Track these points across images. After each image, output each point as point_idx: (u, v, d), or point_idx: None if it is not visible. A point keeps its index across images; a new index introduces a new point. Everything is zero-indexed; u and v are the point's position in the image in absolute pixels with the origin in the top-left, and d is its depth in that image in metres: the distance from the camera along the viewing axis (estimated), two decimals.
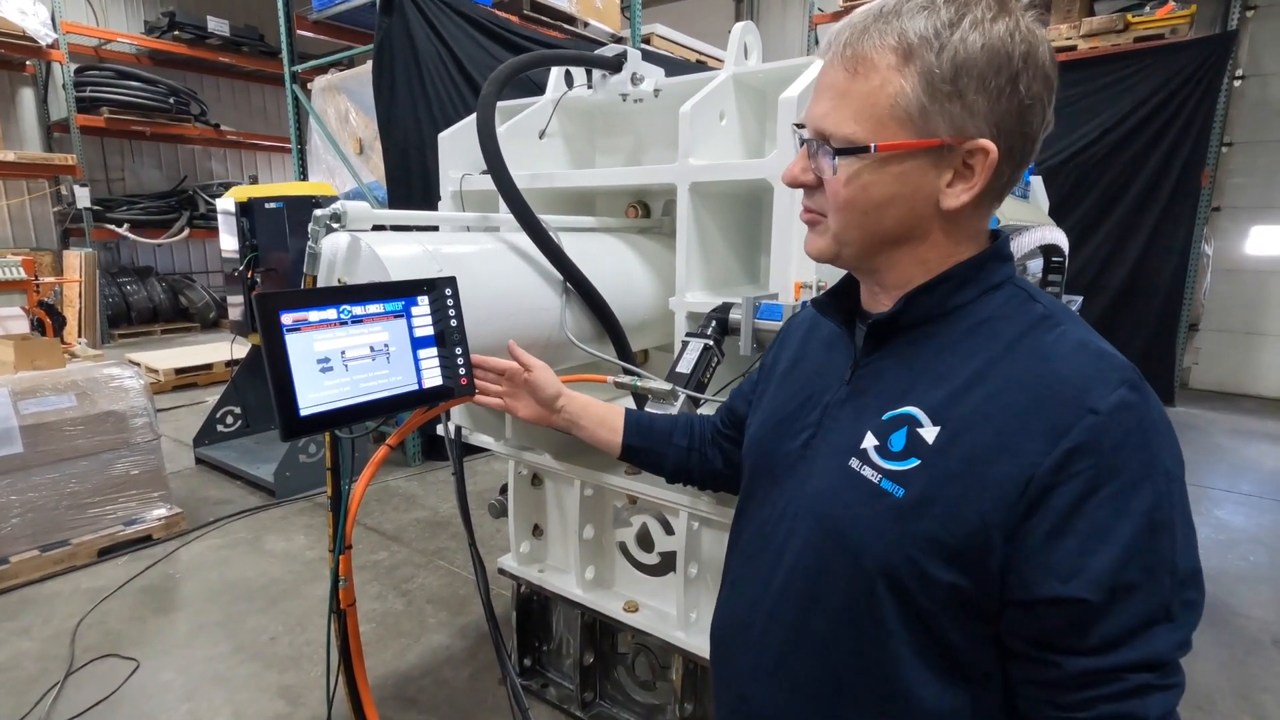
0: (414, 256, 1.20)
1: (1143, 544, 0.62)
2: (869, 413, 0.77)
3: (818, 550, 0.78)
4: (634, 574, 2.07)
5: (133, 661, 2.47)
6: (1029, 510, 0.64)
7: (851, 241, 0.76)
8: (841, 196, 0.73)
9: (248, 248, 4.08)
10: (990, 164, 0.69)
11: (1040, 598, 0.64)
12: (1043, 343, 0.70)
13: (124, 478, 3.31)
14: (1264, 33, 5.94)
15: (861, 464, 0.75)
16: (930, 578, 0.68)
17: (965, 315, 0.75)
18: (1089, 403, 0.64)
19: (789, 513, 0.83)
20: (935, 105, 0.67)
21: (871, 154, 0.70)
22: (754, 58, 1.67)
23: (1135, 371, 0.67)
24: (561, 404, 1.20)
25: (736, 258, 1.76)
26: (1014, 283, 0.76)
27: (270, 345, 0.86)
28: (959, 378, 0.71)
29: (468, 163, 1.93)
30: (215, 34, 8.41)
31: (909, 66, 0.67)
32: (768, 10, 9.05)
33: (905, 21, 0.68)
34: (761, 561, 0.85)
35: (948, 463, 0.69)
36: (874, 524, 0.72)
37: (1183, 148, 5.45)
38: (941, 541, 0.68)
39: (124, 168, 9.06)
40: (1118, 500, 0.62)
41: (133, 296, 8.56)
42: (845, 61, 0.71)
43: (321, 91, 4.73)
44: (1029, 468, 0.64)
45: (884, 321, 0.77)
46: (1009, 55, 0.67)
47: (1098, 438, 0.63)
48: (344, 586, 1.21)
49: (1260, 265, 6.24)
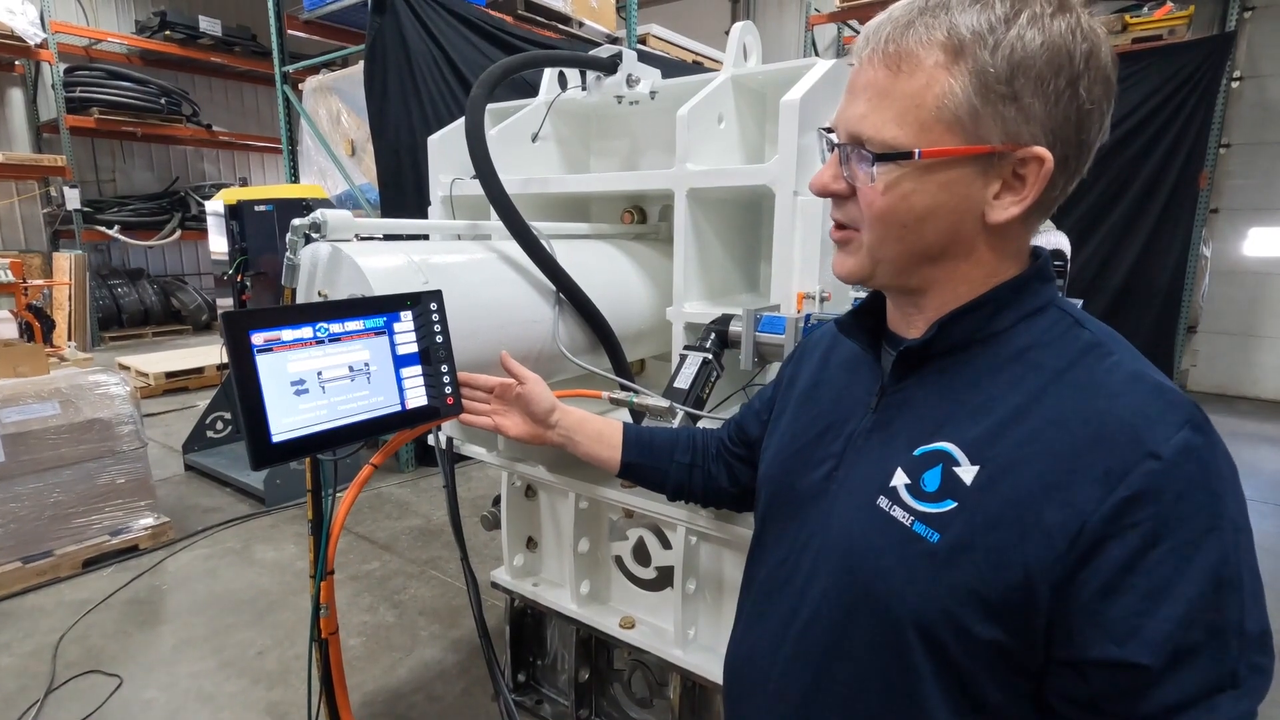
0: (397, 267, 1.15)
1: (1207, 603, 0.56)
2: (898, 446, 0.71)
3: (843, 596, 0.71)
4: (630, 589, 2.02)
5: (115, 678, 2.41)
6: (1080, 562, 0.58)
7: (888, 258, 0.69)
8: (879, 206, 0.66)
9: (237, 251, 4.03)
10: (1044, 174, 0.63)
11: (1092, 659, 0.58)
12: (1093, 374, 0.63)
13: (110, 487, 3.24)
14: (1262, 34, 5.92)
15: (891, 504, 0.68)
16: (968, 633, 0.62)
17: (1005, 342, 0.68)
18: (1149, 446, 0.58)
19: (810, 551, 0.77)
20: (988, 108, 0.61)
21: (915, 160, 0.63)
22: (753, 59, 1.61)
23: (1198, 409, 0.60)
24: (556, 419, 1.13)
25: (736, 265, 1.70)
26: (1057, 305, 0.70)
27: (239, 367, 0.80)
28: (999, 412, 0.65)
29: (458, 167, 1.87)
30: (207, 34, 8.34)
31: (959, 64, 0.61)
32: (764, 11, 9.01)
33: (956, 15, 0.61)
34: (781, 601, 0.79)
35: (988, 506, 0.62)
36: (905, 572, 0.66)
37: (1181, 149, 5.43)
38: (981, 594, 0.61)
39: (115, 169, 8.97)
40: (1180, 555, 0.56)
41: (123, 299, 8.48)
42: (887, 58, 0.64)
43: (313, 92, 4.66)
44: (1080, 516, 0.58)
45: (915, 349, 0.71)
46: (1070, 55, 0.60)
47: (1159, 486, 0.57)
48: (325, 615, 1.15)
49: (1258, 267, 6.22)
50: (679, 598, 1.83)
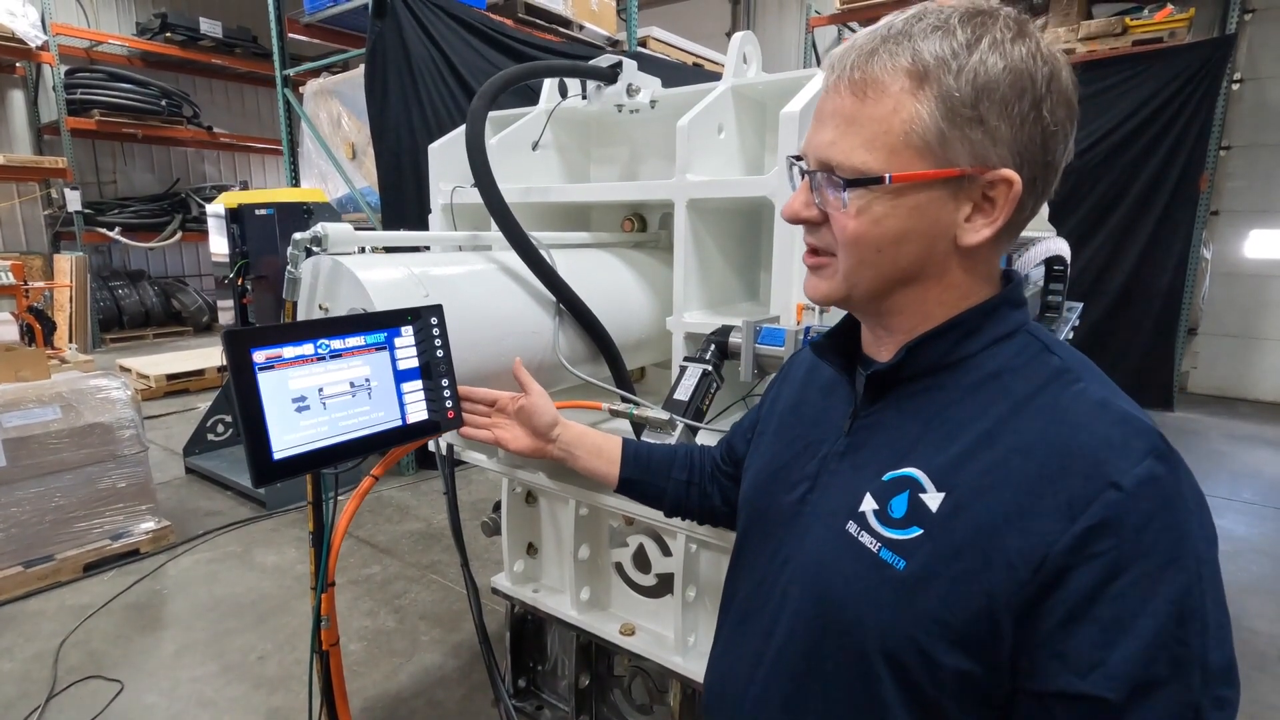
0: (398, 280, 1.15)
1: (1170, 636, 0.56)
2: (868, 471, 0.71)
3: (812, 622, 0.71)
4: (630, 595, 2.02)
5: (117, 684, 2.41)
6: (1043, 592, 0.58)
7: (862, 282, 0.69)
8: (851, 231, 0.67)
9: (238, 254, 4.03)
10: (1014, 196, 0.64)
11: (1054, 691, 0.58)
12: (1058, 401, 0.64)
13: (110, 491, 3.25)
14: (1262, 36, 5.92)
15: (860, 529, 0.69)
16: (934, 661, 0.62)
17: (974, 367, 0.69)
18: (1111, 475, 0.58)
19: (785, 573, 0.77)
20: (955, 131, 0.62)
21: (886, 185, 0.64)
22: (753, 68, 1.62)
23: (1162, 438, 0.60)
24: (558, 433, 1.12)
25: (736, 275, 1.71)
26: (1028, 330, 0.70)
27: (241, 386, 0.81)
28: (966, 438, 0.65)
29: (459, 175, 1.87)
30: (208, 36, 8.35)
31: (925, 89, 0.62)
32: (764, 13, 9.00)
33: (919, 42, 0.62)
34: (755, 626, 0.79)
35: (953, 534, 0.62)
36: (872, 598, 0.66)
37: (1181, 151, 5.42)
38: (946, 622, 0.61)
39: (115, 171, 8.98)
40: (1143, 586, 0.56)
41: (124, 300, 8.48)
42: (853, 85, 0.65)
43: (314, 95, 4.67)
44: (1043, 545, 0.58)
45: (884, 373, 0.71)
46: (1032, 78, 0.62)
47: (1121, 516, 0.57)
48: (326, 627, 1.16)
49: (1259, 269, 6.21)
50: (679, 605, 1.83)
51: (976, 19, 0.63)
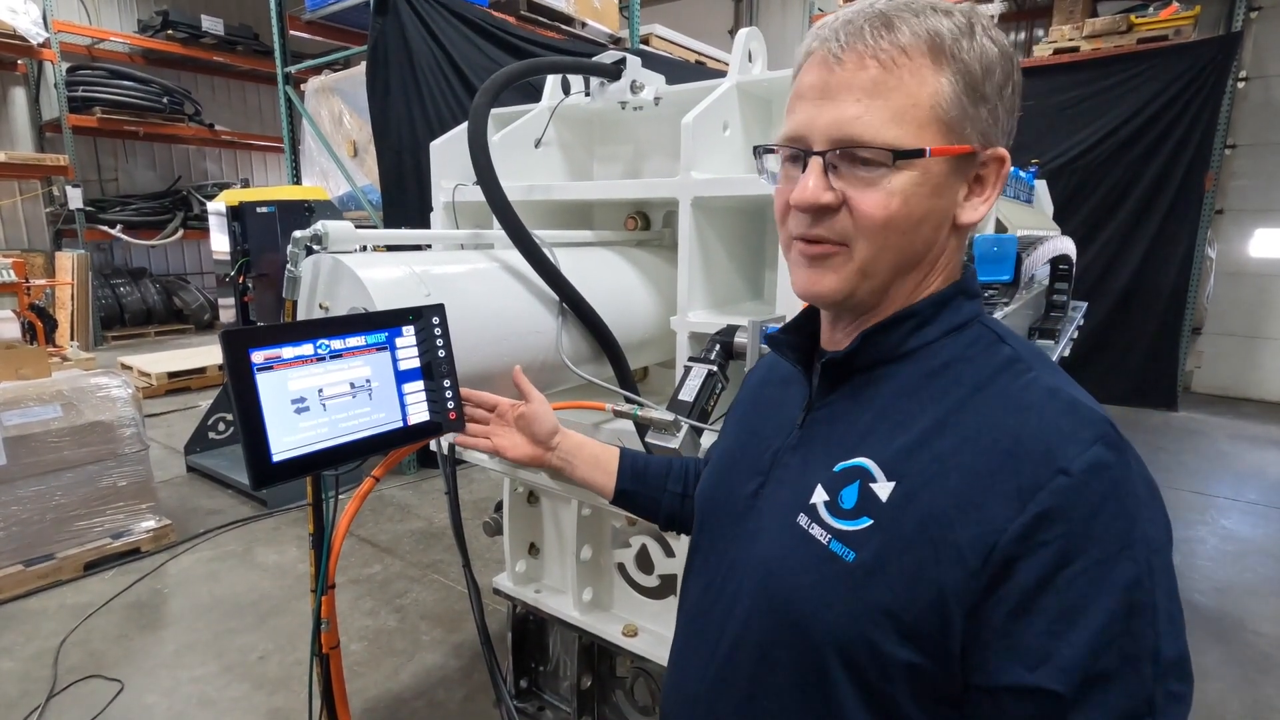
0: (399, 279, 1.13)
1: (1120, 627, 0.54)
2: (819, 462, 0.69)
3: (763, 619, 0.69)
4: (633, 596, 2.01)
5: (117, 683, 2.40)
6: (992, 582, 0.56)
7: (880, 271, 0.66)
8: (882, 214, 0.62)
9: (239, 252, 4.02)
10: (1004, 174, 0.66)
11: (1003, 685, 0.56)
12: (1009, 390, 0.62)
13: (111, 489, 3.24)
14: (1268, 34, 5.88)
15: (810, 521, 0.67)
16: (885, 655, 0.60)
17: (927, 356, 0.67)
18: (1059, 462, 0.56)
19: (736, 571, 0.75)
20: (972, 108, 0.63)
21: (926, 158, 0.62)
22: (759, 65, 1.60)
23: (1112, 426, 0.59)
24: (557, 441, 1.10)
25: (740, 273, 1.69)
26: (981, 321, 0.69)
27: (239, 387, 0.79)
28: (917, 427, 0.64)
29: (461, 172, 1.86)
30: (209, 33, 8.33)
31: (942, 64, 0.62)
32: (766, 10, 8.97)
33: (928, 18, 0.62)
34: (707, 626, 0.77)
35: (902, 524, 0.61)
36: (822, 592, 0.64)
37: (1186, 150, 5.40)
38: (896, 614, 0.60)
39: (117, 168, 8.97)
40: (1091, 575, 0.55)
41: (126, 298, 8.48)
42: (879, 56, 0.61)
43: (315, 93, 4.66)
44: (993, 534, 0.56)
45: (838, 361, 0.70)
46: (1014, 63, 0.66)
47: (1069, 502, 0.55)
48: (326, 630, 1.14)
49: (1263, 268, 6.18)
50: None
51: (961, 5, 0.65)
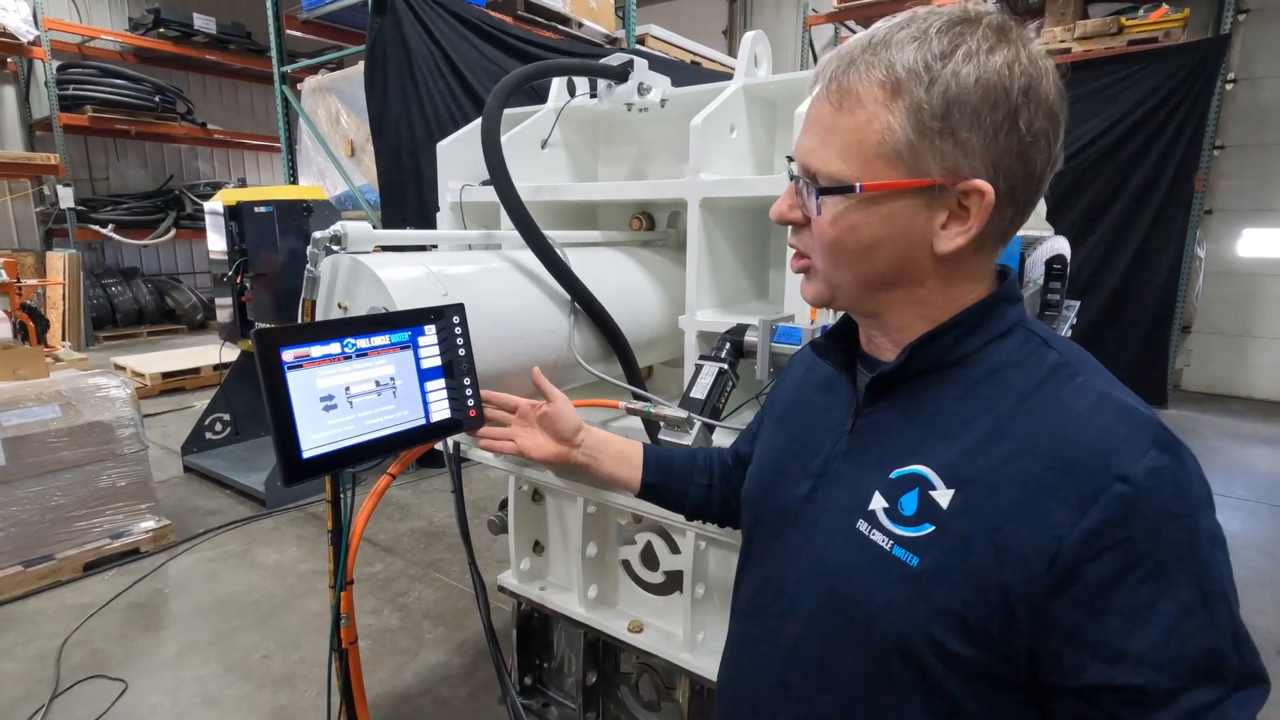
0: (417, 278, 1.15)
1: (1198, 618, 0.58)
2: (874, 469, 0.72)
3: (827, 619, 0.73)
4: (638, 592, 2.03)
5: (120, 683, 2.41)
6: (1058, 586, 0.59)
7: (843, 284, 0.72)
8: (828, 237, 0.69)
9: (236, 252, 4.01)
10: (986, 206, 0.64)
11: (1087, 684, 0.59)
12: (1060, 396, 0.65)
13: (110, 490, 3.23)
14: (1255, 37, 5.96)
15: (871, 528, 0.70)
16: (949, 652, 0.64)
17: (974, 364, 0.70)
18: (1118, 469, 0.59)
19: (794, 571, 0.78)
20: (925, 143, 0.63)
21: (857, 194, 0.65)
22: (764, 68, 1.62)
23: (1164, 429, 0.62)
24: (581, 438, 1.11)
25: (745, 273, 1.71)
26: (1025, 326, 0.71)
27: (271, 385, 0.81)
28: (971, 434, 0.66)
29: (467, 173, 1.88)
30: (201, 31, 8.28)
31: (897, 102, 0.63)
32: (760, 11, 9.01)
33: (894, 53, 0.63)
34: (768, 622, 0.80)
35: (964, 530, 0.64)
36: (887, 595, 0.67)
37: (1176, 151, 5.46)
38: (961, 615, 0.63)
39: (108, 167, 8.91)
40: (1161, 575, 0.58)
41: (118, 298, 8.42)
42: (831, 95, 0.67)
43: (312, 92, 4.65)
44: (1055, 540, 0.59)
45: (888, 374, 0.73)
46: (1006, 90, 0.62)
47: (1131, 509, 0.58)
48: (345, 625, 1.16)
49: (1251, 268, 6.27)
50: (688, 602, 1.84)
51: (956, 28, 0.63)
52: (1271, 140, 6.07)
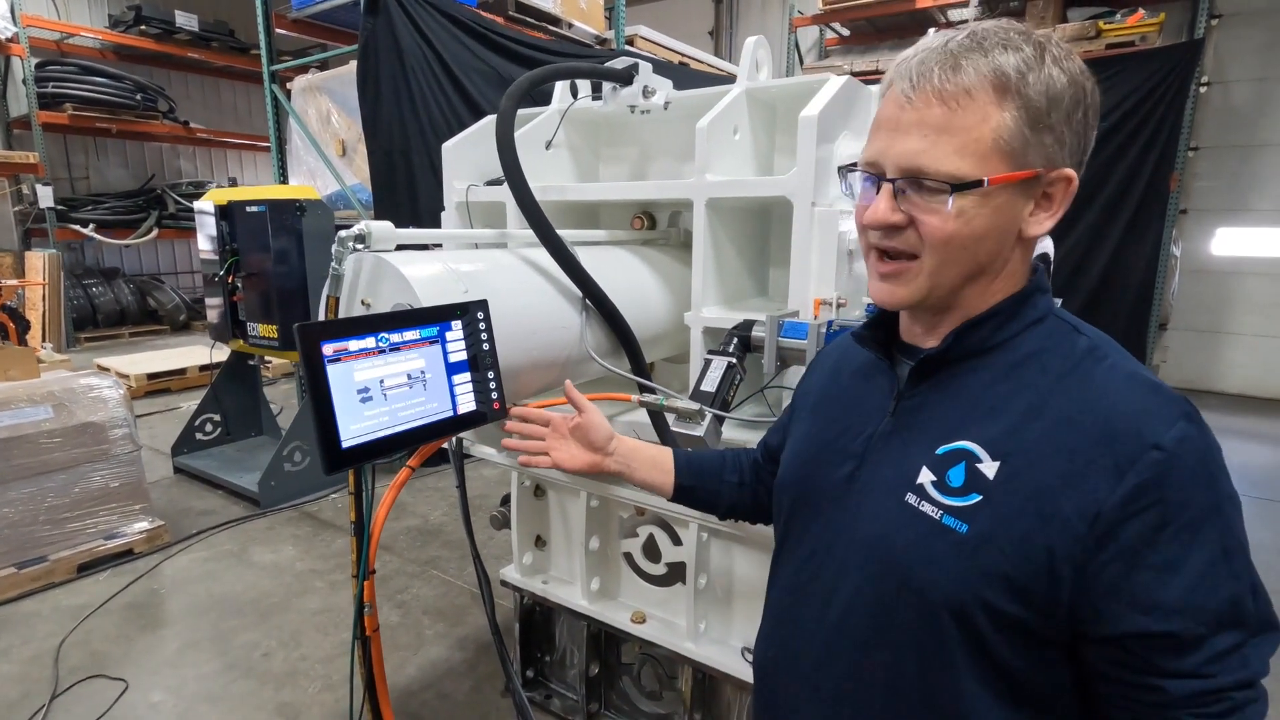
0: (438, 275, 1.18)
1: (1220, 569, 0.65)
2: (919, 446, 0.77)
3: (878, 587, 0.78)
4: (640, 584, 2.07)
5: (121, 682, 2.41)
6: (1099, 544, 0.66)
7: (947, 280, 0.75)
8: (945, 232, 0.72)
9: (228, 252, 4.00)
10: (1071, 192, 0.73)
11: (1123, 632, 0.66)
12: (1094, 376, 0.71)
13: (103, 490, 3.22)
14: (1228, 41, 6.13)
15: (920, 500, 0.75)
16: (997, 611, 0.69)
17: (1010, 349, 0.76)
18: (1151, 438, 0.65)
19: (838, 547, 0.83)
20: (1035, 137, 0.70)
21: (984, 188, 0.70)
22: (764, 73, 1.67)
23: (1189, 403, 0.69)
24: (615, 446, 1.11)
25: (747, 271, 1.76)
26: (1056, 314, 0.78)
27: (313, 377, 0.84)
28: (1013, 412, 0.72)
29: (473, 172, 1.91)
30: (183, 29, 8.18)
31: (1007, 100, 0.69)
32: (746, 13, 9.08)
33: (995, 56, 0.69)
34: (812, 595, 0.85)
35: (1011, 498, 0.69)
36: (939, 561, 0.72)
37: (1152, 152, 5.59)
38: (1009, 576, 0.69)
39: (88, 166, 8.79)
40: (1189, 530, 0.65)
41: (99, 299, 8.31)
42: (942, 96, 0.70)
43: (302, 92, 4.64)
44: (1096, 503, 0.65)
45: (934, 358, 0.78)
46: (1085, 90, 0.71)
47: (1164, 473, 0.65)
48: (369, 613, 1.19)
49: (1225, 266, 6.44)
50: (691, 593, 1.89)
51: (1033, 39, 0.70)
52: (1243, 142, 6.25)
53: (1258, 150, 6.23)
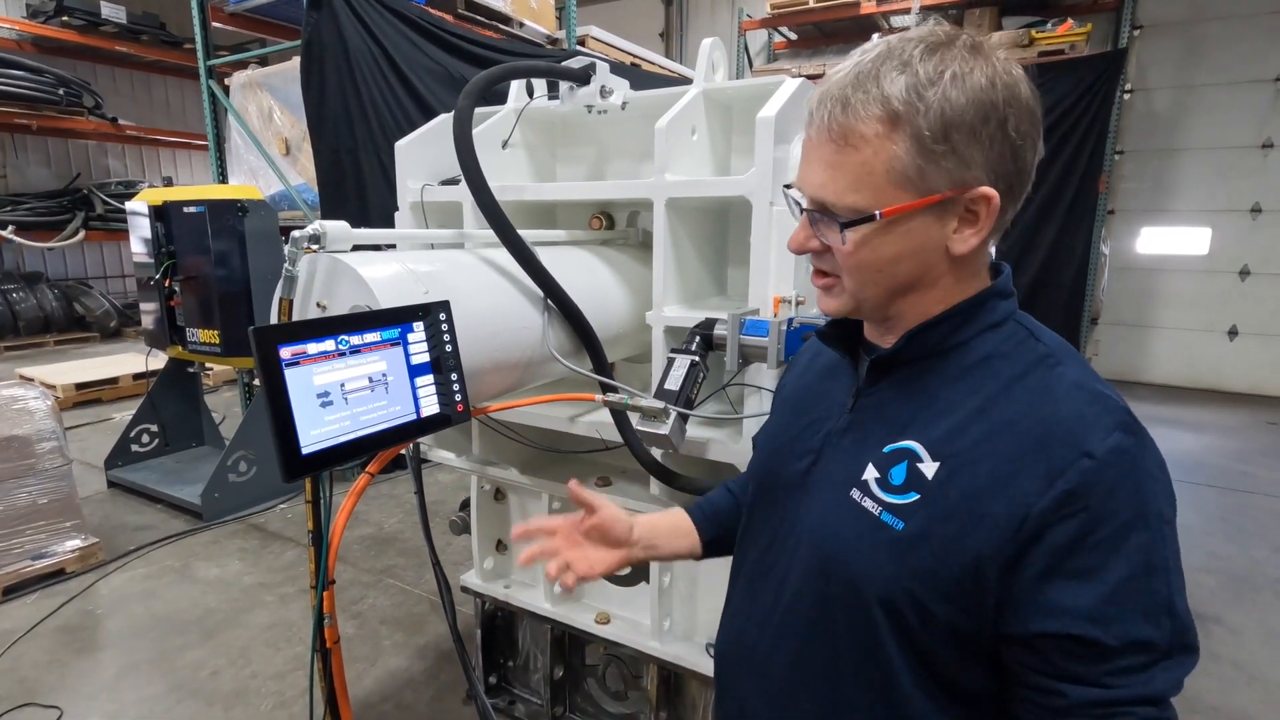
0: (397, 276, 1.15)
1: (1140, 584, 0.65)
2: (870, 444, 0.78)
3: (820, 578, 0.79)
4: (604, 585, 2.06)
5: (55, 710, 2.28)
6: (1024, 547, 0.66)
7: (871, 297, 0.77)
8: (853, 261, 0.74)
9: (164, 254, 3.82)
10: (993, 208, 0.70)
11: (1035, 632, 0.66)
12: (1042, 383, 0.72)
13: (30, 508, 3.04)
14: (1149, 51, 6.48)
15: (863, 495, 0.76)
16: (926, 610, 0.71)
17: (966, 352, 0.76)
18: (1084, 446, 0.66)
19: (792, 538, 0.84)
20: (931, 164, 0.68)
21: (878, 220, 0.70)
22: (720, 74, 1.69)
23: (1130, 414, 0.69)
24: (637, 535, 1.00)
25: (707, 270, 1.78)
26: (1015, 319, 0.78)
27: (269, 381, 0.81)
28: (958, 414, 0.73)
29: (427, 172, 1.88)
30: (110, 21, 7.77)
31: (897, 131, 0.68)
32: (696, 15, 9.17)
33: (885, 86, 0.68)
34: (766, 585, 0.87)
35: (946, 498, 0.70)
36: (873, 556, 0.74)
37: (1082, 156, 5.86)
38: (939, 575, 0.70)
39: (6, 164, 8.28)
40: (1112, 540, 0.65)
41: (19, 305, 7.86)
42: (833, 135, 0.71)
43: (242, 88, 4.47)
44: (1024, 507, 0.66)
45: (886, 358, 0.79)
46: (994, 104, 0.67)
47: (1093, 481, 0.65)
48: (329, 624, 1.15)
49: (1150, 263, 6.82)
50: (655, 592, 1.89)
51: (936, 53, 0.68)
52: (1164, 146, 6.62)
53: (1178, 154, 6.62)
